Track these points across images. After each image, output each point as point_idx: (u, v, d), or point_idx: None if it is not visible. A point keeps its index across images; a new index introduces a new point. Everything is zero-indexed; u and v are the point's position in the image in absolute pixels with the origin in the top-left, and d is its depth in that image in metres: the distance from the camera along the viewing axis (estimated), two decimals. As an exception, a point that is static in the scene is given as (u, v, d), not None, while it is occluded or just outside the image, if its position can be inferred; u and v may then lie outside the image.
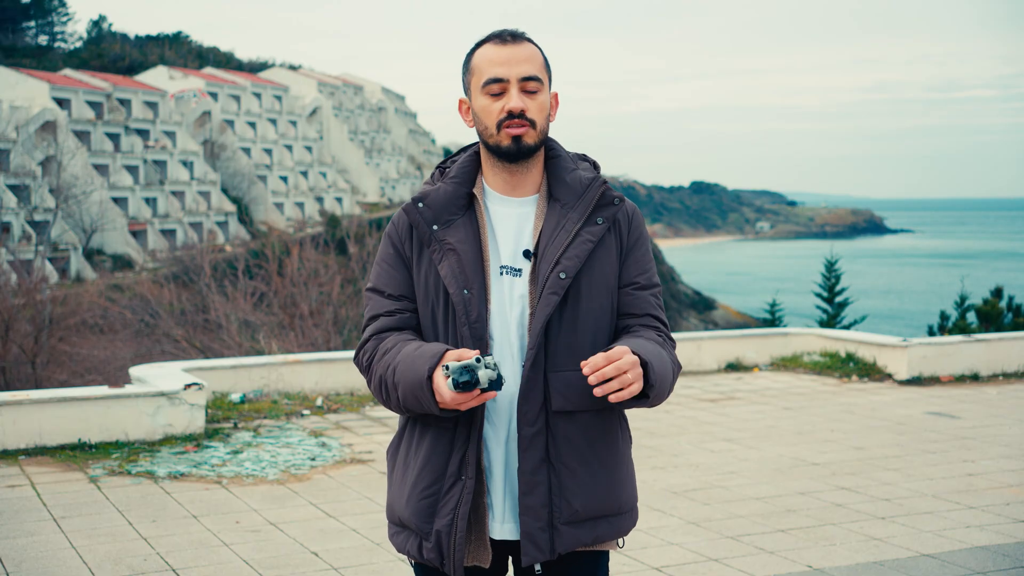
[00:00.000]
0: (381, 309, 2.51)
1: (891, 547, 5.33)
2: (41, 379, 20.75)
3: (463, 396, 2.26)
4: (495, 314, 2.44)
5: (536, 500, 2.41)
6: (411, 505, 2.47)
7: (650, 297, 2.52)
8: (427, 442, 2.47)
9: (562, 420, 2.43)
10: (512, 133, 2.42)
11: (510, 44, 2.44)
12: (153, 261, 49.95)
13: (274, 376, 9.15)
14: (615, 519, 2.51)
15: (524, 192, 2.51)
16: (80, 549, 5.25)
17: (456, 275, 2.41)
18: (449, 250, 2.44)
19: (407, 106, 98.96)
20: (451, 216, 2.48)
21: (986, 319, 19.51)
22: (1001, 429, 8.13)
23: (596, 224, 2.46)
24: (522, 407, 2.40)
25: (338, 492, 6.35)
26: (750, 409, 8.92)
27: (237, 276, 21.46)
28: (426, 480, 2.46)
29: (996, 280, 22.32)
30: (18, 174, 47.97)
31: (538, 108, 2.44)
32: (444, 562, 2.44)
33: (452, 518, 2.42)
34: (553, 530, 2.42)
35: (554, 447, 2.42)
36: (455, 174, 2.52)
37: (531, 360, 2.39)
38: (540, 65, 2.46)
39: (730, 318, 68.36)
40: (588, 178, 2.51)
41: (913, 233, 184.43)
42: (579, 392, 2.42)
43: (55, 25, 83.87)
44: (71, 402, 7.37)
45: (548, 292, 2.39)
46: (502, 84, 2.42)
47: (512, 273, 2.45)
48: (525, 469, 2.41)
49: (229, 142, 66.07)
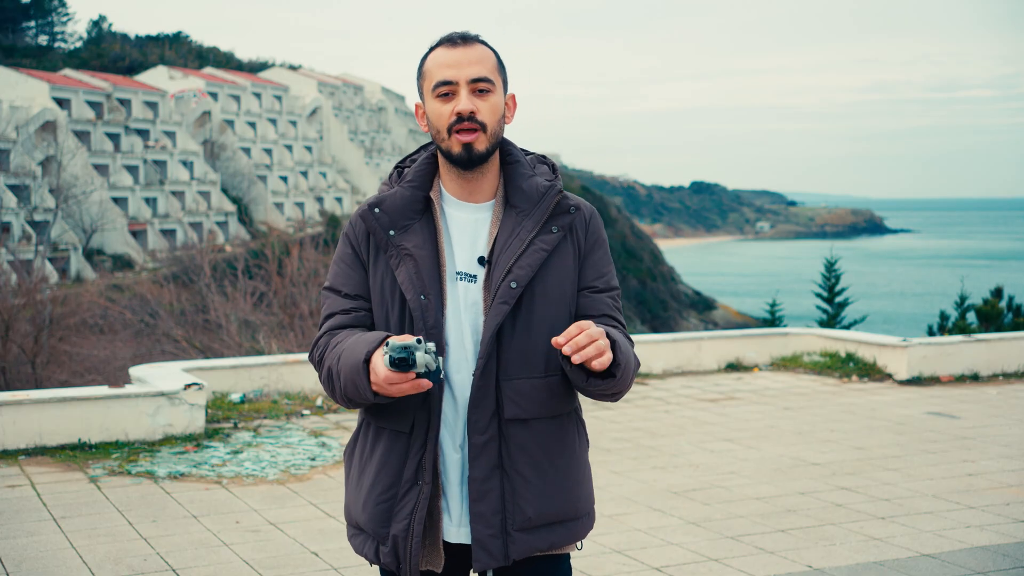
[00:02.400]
0: (337, 308, 2.50)
1: (891, 547, 5.33)
2: (41, 379, 20.74)
3: (396, 376, 2.21)
4: (450, 320, 2.42)
5: (487, 507, 2.40)
6: (368, 509, 2.47)
7: (607, 299, 2.50)
8: (382, 445, 2.46)
9: (515, 427, 2.42)
10: (462, 140, 2.40)
11: (460, 47, 2.42)
12: (153, 261, 49.96)
13: (274, 376, 9.15)
14: (571, 524, 2.50)
15: (481, 197, 2.49)
16: (80, 549, 5.25)
17: (413, 281, 2.40)
18: (406, 255, 2.43)
19: (407, 106, 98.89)
20: (408, 221, 2.46)
21: (986, 319, 19.50)
22: (1001, 429, 8.13)
23: (551, 232, 2.45)
24: (472, 415, 2.39)
25: (338, 492, 6.35)
26: (750, 409, 8.92)
27: (237, 276, 21.45)
28: (382, 485, 2.45)
29: (996, 280, 22.30)
30: (18, 174, 47.97)
31: (489, 109, 2.41)
32: (400, 566, 2.43)
33: (408, 523, 2.41)
34: (507, 536, 2.41)
35: (508, 454, 2.41)
36: (412, 178, 2.51)
37: (481, 368, 2.38)
38: (492, 66, 2.44)
39: (730, 318, 68.37)
40: (545, 186, 2.48)
41: (913, 233, 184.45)
42: (533, 399, 2.42)
43: (55, 25, 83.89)
44: (71, 402, 7.37)
45: (499, 301, 2.38)
46: (451, 87, 2.40)
47: (468, 279, 2.44)
48: (476, 476, 2.40)
49: (229, 142, 66.07)
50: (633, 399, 9.17)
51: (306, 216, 67.16)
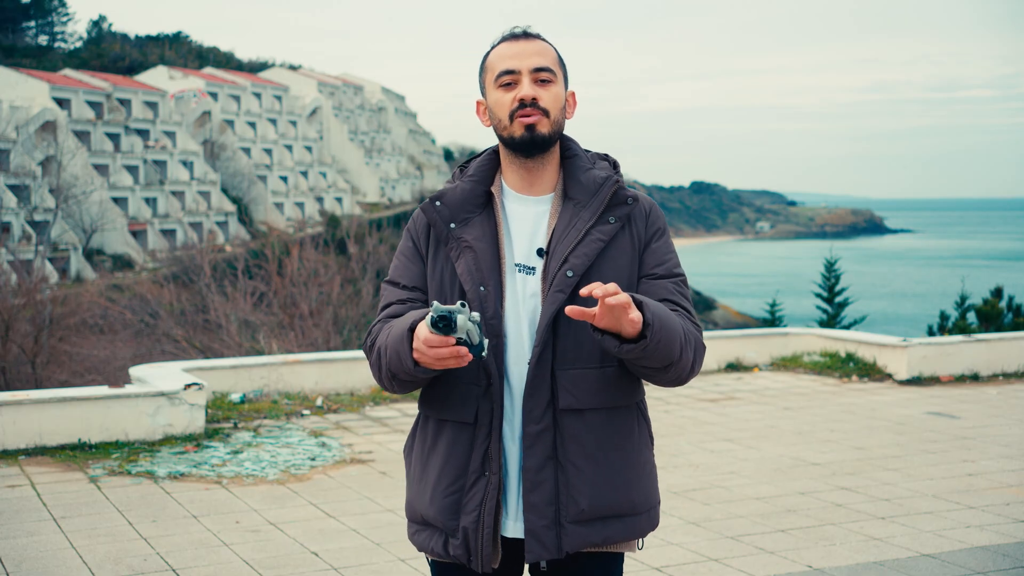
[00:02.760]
0: (394, 298, 2.53)
1: (891, 547, 5.33)
2: (41, 379, 20.74)
3: (436, 339, 2.21)
4: (509, 311, 2.44)
5: (540, 498, 2.40)
6: (436, 502, 2.47)
7: (668, 284, 2.49)
8: (446, 439, 2.47)
9: (570, 418, 2.42)
10: (525, 122, 2.43)
11: (522, 40, 2.48)
12: (153, 261, 49.95)
13: (274, 376, 9.15)
14: (629, 519, 2.48)
15: (540, 191, 2.52)
16: (80, 549, 5.25)
17: (472, 272, 2.43)
18: (466, 248, 2.45)
19: (407, 106, 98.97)
20: (468, 214, 2.50)
21: (986, 319, 19.50)
22: (1001, 429, 8.13)
23: (608, 223, 2.46)
24: (527, 404, 2.40)
25: (338, 492, 6.35)
26: (750, 409, 8.92)
27: (237, 276, 21.44)
28: (449, 477, 2.45)
29: (996, 280, 22.29)
30: (18, 174, 47.97)
31: (551, 98, 2.45)
32: (471, 559, 2.43)
33: (478, 514, 2.41)
34: (560, 528, 2.41)
35: (561, 445, 2.42)
36: (473, 172, 2.55)
37: (536, 357, 2.39)
38: (553, 59, 2.48)
39: (730, 318, 68.35)
40: (602, 177, 2.51)
41: (913, 233, 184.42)
42: (587, 390, 2.42)
43: (55, 25, 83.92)
44: (71, 402, 7.37)
45: (554, 290, 2.39)
46: (514, 75, 2.45)
47: (526, 271, 2.46)
48: (530, 467, 2.40)
49: (229, 142, 66.07)
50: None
51: (306, 216, 67.17)
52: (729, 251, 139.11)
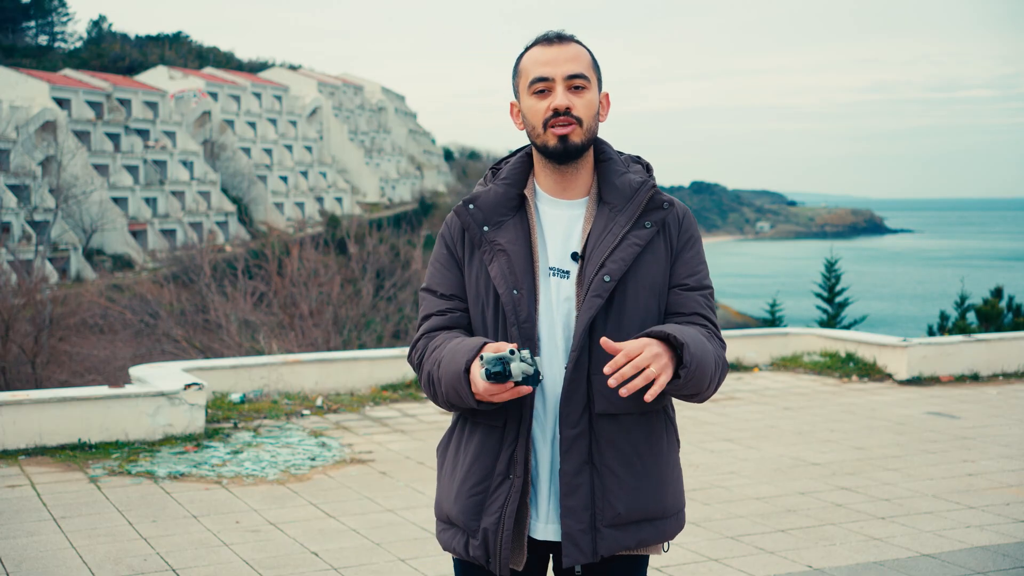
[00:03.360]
0: (433, 309, 2.53)
1: (891, 547, 5.33)
2: (41, 379, 20.74)
3: (495, 387, 2.24)
4: (543, 315, 2.44)
5: (577, 502, 2.41)
6: (459, 502, 2.48)
7: (699, 297, 2.49)
8: (476, 440, 2.48)
9: (605, 422, 2.42)
10: (558, 132, 2.42)
11: (556, 45, 2.46)
12: (153, 261, 49.94)
13: (274, 376, 9.15)
14: (660, 523, 2.50)
15: (574, 194, 2.51)
16: (80, 549, 5.25)
17: (506, 276, 2.43)
18: (499, 251, 2.45)
19: (407, 106, 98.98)
20: (501, 217, 2.49)
21: (986, 319, 19.50)
22: (1001, 429, 8.13)
23: (644, 228, 2.46)
24: (564, 409, 2.40)
25: (338, 492, 6.35)
26: (750, 409, 8.92)
27: (237, 276, 21.45)
28: (475, 478, 2.46)
29: (996, 280, 22.29)
30: (18, 174, 47.98)
31: (585, 106, 2.44)
32: (490, 560, 2.44)
33: (499, 516, 2.42)
34: (595, 532, 2.41)
35: (597, 449, 2.42)
36: (506, 175, 2.54)
37: (573, 362, 2.39)
38: (587, 64, 2.47)
39: (730, 318, 68.33)
40: (638, 182, 2.50)
41: (913, 233, 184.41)
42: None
43: (55, 25, 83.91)
44: (71, 402, 7.37)
45: (592, 295, 2.39)
46: (547, 83, 2.43)
47: (560, 275, 2.46)
48: (567, 471, 2.41)
49: (229, 142, 66.08)
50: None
51: (306, 216, 67.18)
52: (729, 251, 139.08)
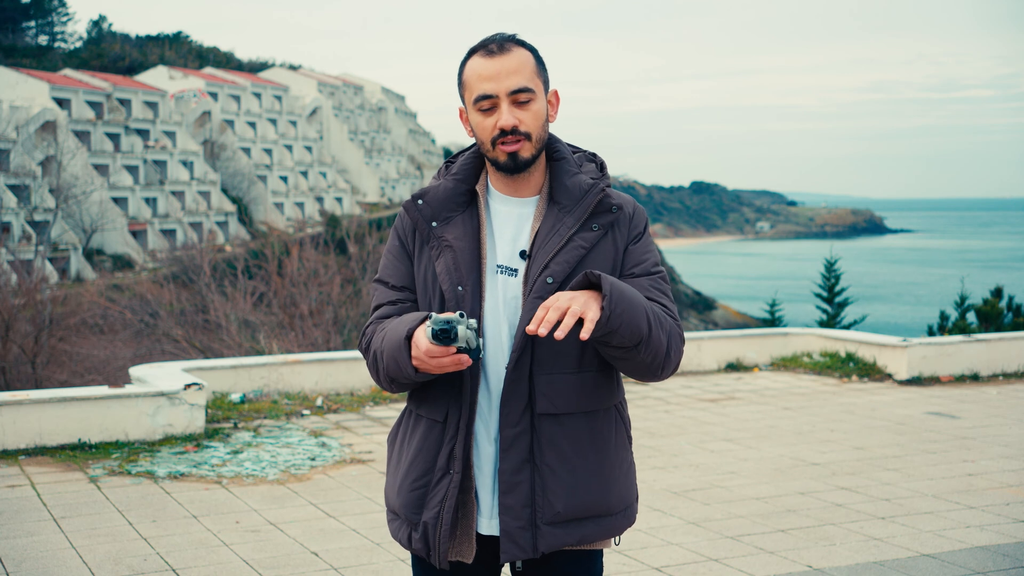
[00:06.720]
0: (384, 299, 2.54)
1: (891, 547, 5.33)
2: (41, 379, 20.75)
3: (437, 349, 2.24)
4: (489, 312, 2.43)
5: (516, 500, 2.42)
6: (402, 495, 2.51)
7: (644, 281, 2.48)
8: (419, 434, 2.49)
9: (547, 422, 2.42)
10: (507, 150, 2.41)
11: (497, 56, 2.41)
12: (153, 261, 49.93)
13: (274, 376, 9.15)
14: (604, 520, 2.50)
15: (526, 192, 2.51)
16: (80, 549, 5.25)
17: (451, 272, 2.42)
18: (446, 247, 2.45)
19: (407, 106, 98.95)
20: (450, 213, 2.49)
21: (986, 319, 19.49)
22: (1001, 429, 8.13)
23: (591, 231, 2.45)
24: (504, 408, 2.41)
25: (338, 492, 6.35)
26: (750, 409, 8.92)
27: (237, 276, 21.45)
28: (416, 472, 2.48)
29: (996, 280, 22.28)
30: (18, 174, 47.98)
31: (532, 118, 2.42)
32: (430, 554, 2.46)
33: (439, 511, 2.44)
34: (536, 529, 2.42)
35: (538, 448, 2.42)
36: (457, 171, 2.53)
37: (514, 362, 2.39)
38: (531, 72, 2.43)
39: (730, 318, 68.38)
40: (588, 183, 2.49)
41: (913, 233, 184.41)
42: (565, 395, 2.42)
43: (55, 25, 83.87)
44: (71, 402, 7.37)
45: (534, 296, 2.38)
46: (492, 100, 2.41)
47: (508, 273, 2.45)
48: (505, 469, 2.42)
49: (229, 142, 66.07)
50: (633, 399, 9.16)
51: (306, 216, 67.17)
52: (729, 251, 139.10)
